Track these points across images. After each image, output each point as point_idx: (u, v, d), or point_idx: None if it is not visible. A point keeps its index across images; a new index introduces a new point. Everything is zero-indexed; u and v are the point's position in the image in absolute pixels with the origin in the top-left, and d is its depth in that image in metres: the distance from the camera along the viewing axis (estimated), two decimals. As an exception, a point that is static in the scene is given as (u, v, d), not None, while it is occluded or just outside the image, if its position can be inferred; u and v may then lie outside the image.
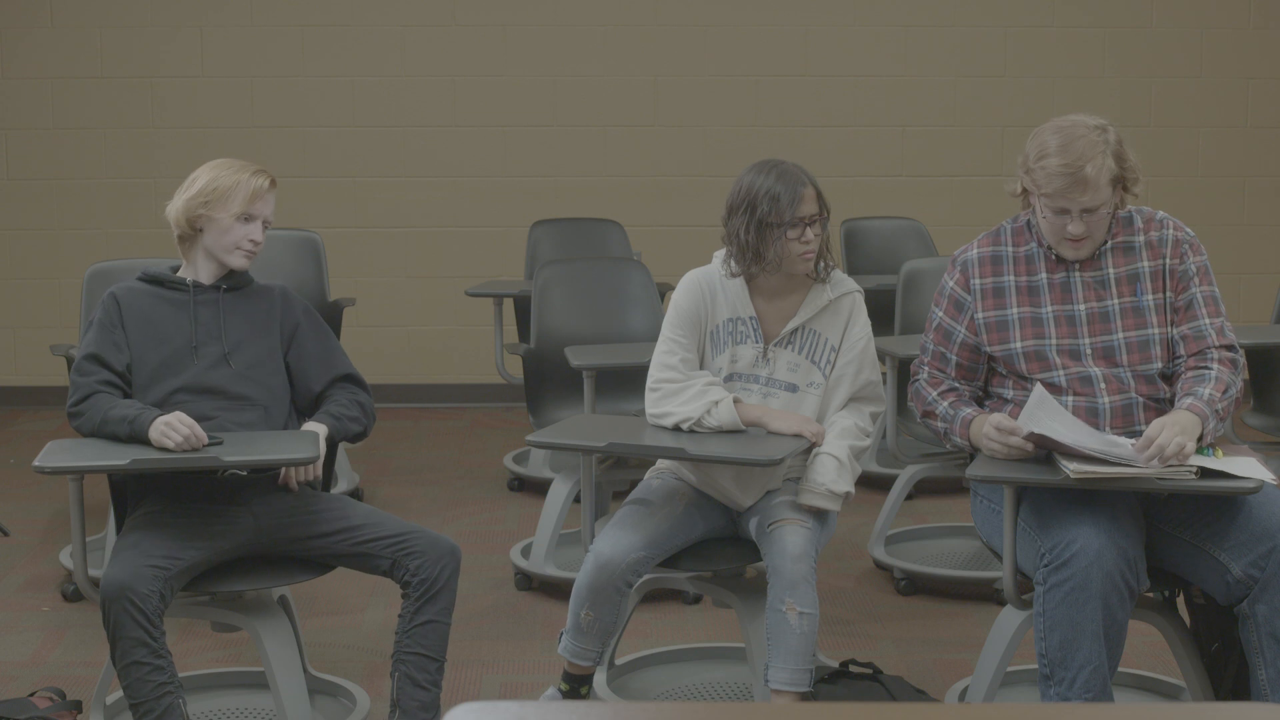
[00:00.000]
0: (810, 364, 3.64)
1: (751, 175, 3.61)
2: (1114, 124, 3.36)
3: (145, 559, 3.28)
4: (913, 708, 1.80)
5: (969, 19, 8.06)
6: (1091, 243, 3.38)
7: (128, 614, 3.22)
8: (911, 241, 6.86)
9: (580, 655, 3.58)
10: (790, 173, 3.58)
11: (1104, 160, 3.28)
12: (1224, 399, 3.32)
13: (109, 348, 3.52)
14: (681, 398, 3.58)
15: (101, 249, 7.65)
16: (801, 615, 3.42)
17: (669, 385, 3.62)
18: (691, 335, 3.67)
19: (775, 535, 3.49)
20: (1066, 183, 3.27)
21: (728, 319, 3.66)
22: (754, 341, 3.65)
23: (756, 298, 3.67)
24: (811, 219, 3.56)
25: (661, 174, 7.99)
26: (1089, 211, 3.31)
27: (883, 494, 5.47)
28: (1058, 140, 3.29)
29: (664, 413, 3.60)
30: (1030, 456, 3.26)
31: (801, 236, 3.55)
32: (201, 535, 3.41)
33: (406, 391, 8.06)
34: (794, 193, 3.54)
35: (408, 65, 7.97)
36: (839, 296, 3.66)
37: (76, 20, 7.87)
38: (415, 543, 3.47)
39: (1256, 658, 3.22)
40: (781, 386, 3.63)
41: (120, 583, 3.23)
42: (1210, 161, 8.17)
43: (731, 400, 3.56)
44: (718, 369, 3.66)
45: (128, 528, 3.45)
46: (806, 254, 3.58)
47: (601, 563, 3.50)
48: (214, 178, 3.58)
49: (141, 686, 3.26)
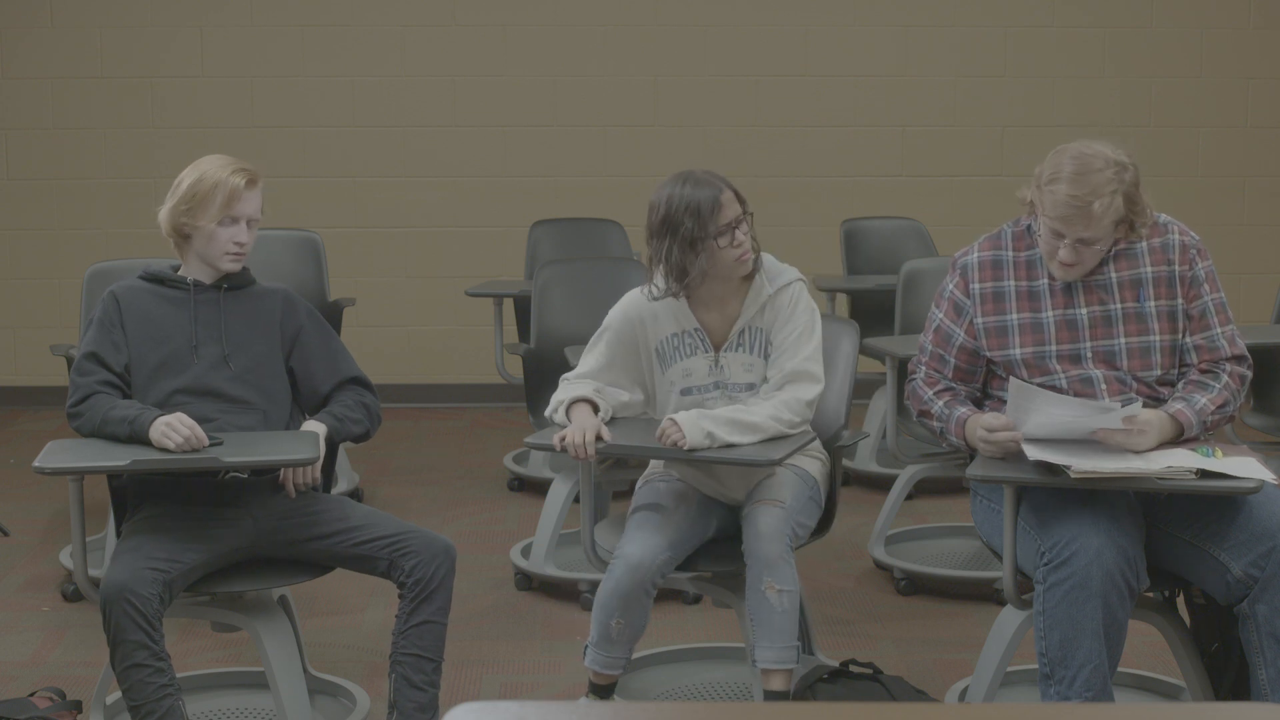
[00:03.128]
0: (764, 361, 3.63)
1: (666, 191, 3.60)
2: (1136, 163, 3.31)
3: (146, 561, 3.28)
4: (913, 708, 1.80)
5: (969, 19, 8.06)
6: (1081, 269, 3.37)
7: (128, 616, 3.22)
8: (911, 241, 6.86)
9: (610, 665, 3.58)
10: (703, 180, 3.57)
11: (1113, 199, 3.25)
12: (1217, 413, 3.33)
13: (108, 347, 3.52)
14: (558, 395, 3.64)
15: (101, 249, 7.65)
16: (781, 593, 3.41)
17: (564, 382, 3.68)
18: (617, 352, 3.67)
19: (750, 518, 3.51)
20: (1071, 213, 3.26)
21: (671, 334, 3.66)
22: (704, 351, 3.64)
23: (697, 308, 3.66)
24: (737, 221, 3.55)
25: (661, 174, 7.86)
26: (1084, 243, 3.30)
27: (883, 494, 5.47)
28: (1073, 168, 3.25)
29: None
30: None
31: (732, 242, 3.54)
32: (202, 538, 3.41)
33: (406, 391, 8.06)
34: (713, 200, 3.53)
35: (408, 65, 7.97)
36: (778, 290, 3.64)
37: (76, 20, 7.87)
38: (410, 543, 3.46)
39: (1256, 658, 3.22)
40: (741, 389, 3.63)
41: (120, 585, 3.22)
42: (1210, 161, 8.17)
43: (569, 403, 3.57)
44: (669, 384, 3.65)
45: (128, 530, 3.45)
46: (741, 257, 3.57)
47: (633, 565, 3.49)
48: (193, 182, 3.55)
49: (142, 689, 3.26)
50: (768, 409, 3.51)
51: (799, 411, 3.54)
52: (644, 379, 3.70)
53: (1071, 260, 3.33)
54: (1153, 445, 3.25)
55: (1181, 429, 3.29)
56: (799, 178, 7.95)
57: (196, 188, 3.53)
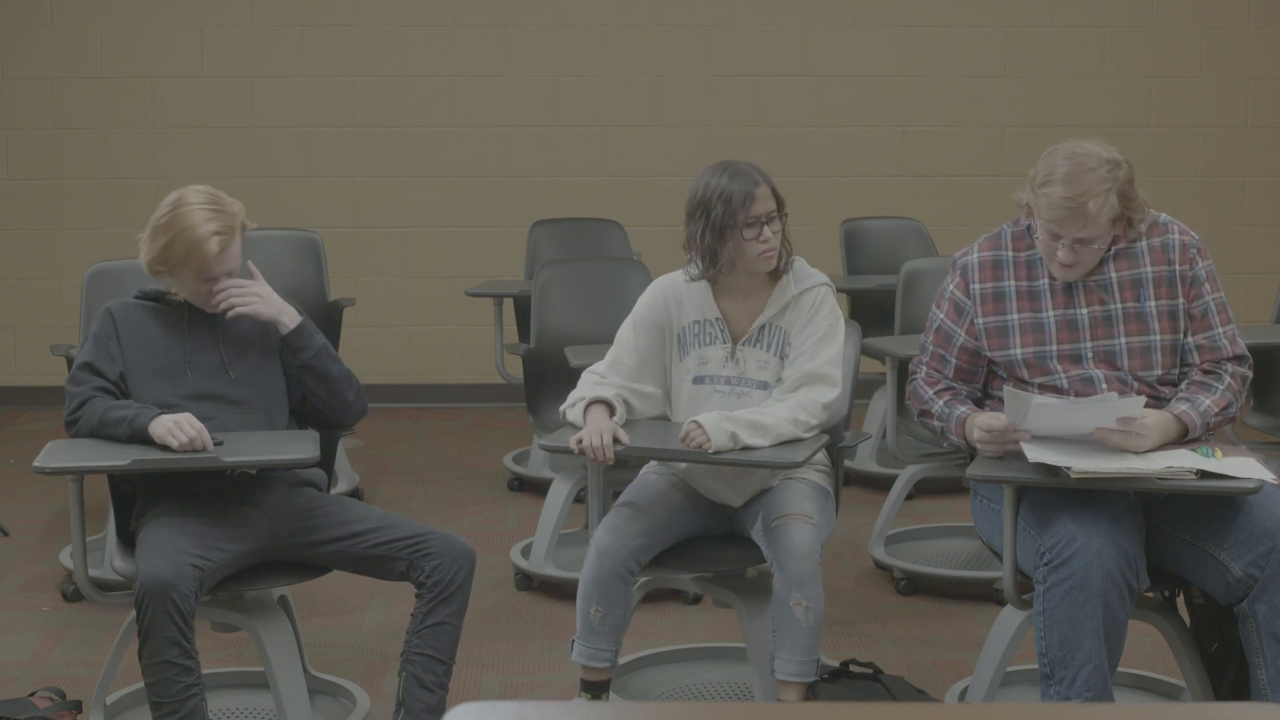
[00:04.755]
0: (780, 361, 3.63)
1: (705, 178, 3.60)
2: (1129, 159, 3.31)
3: (184, 556, 3.26)
4: (913, 708, 1.80)
5: (969, 19, 8.06)
6: (1082, 269, 3.37)
7: (166, 612, 3.20)
8: (911, 241, 6.86)
9: (595, 657, 3.57)
10: (743, 172, 3.57)
11: (1107, 198, 3.25)
12: (1220, 415, 3.33)
13: (103, 358, 3.51)
14: (577, 391, 3.63)
15: (101, 249, 7.64)
16: (808, 609, 3.43)
17: (589, 375, 3.66)
18: (644, 340, 3.67)
19: (781, 532, 3.48)
20: (1065, 214, 3.26)
21: (694, 321, 3.66)
22: (722, 342, 3.64)
23: (722, 298, 3.66)
24: (768, 217, 3.56)
25: (661, 174, 7.98)
26: (1082, 243, 3.30)
27: (883, 494, 5.47)
28: (1066, 168, 3.26)
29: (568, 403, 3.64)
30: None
31: (759, 236, 3.55)
32: (226, 537, 3.40)
33: (406, 391, 8.06)
34: (746, 192, 3.53)
35: (408, 65, 7.97)
36: (803, 291, 3.64)
37: (76, 20, 7.87)
38: (432, 544, 3.46)
39: (1256, 658, 3.22)
40: (754, 385, 3.62)
41: (164, 580, 3.20)
42: (1210, 161, 8.17)
43: (585, 405, 3.55)
44: (685, 371, 3.65)
45: (152, 520, 3.42)
46: (766, 253, 3.56)
47: (602, 551, 3.51)
48: (167, 244, 3.45)
49: (169, 686, 3.24)
50: (784, 411, 3.49)
51: (815, 414, 3.53)
52: (665, 369, 3.70)
53: (1070, 261, 3.33)
54: (1153, 447, 3.25)
55: (1186, 430, 3.29)
56: (799, 178, 7.94)
57: (171, 249, 3.45)
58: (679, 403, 3.66)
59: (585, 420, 3.53)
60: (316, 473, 3.65)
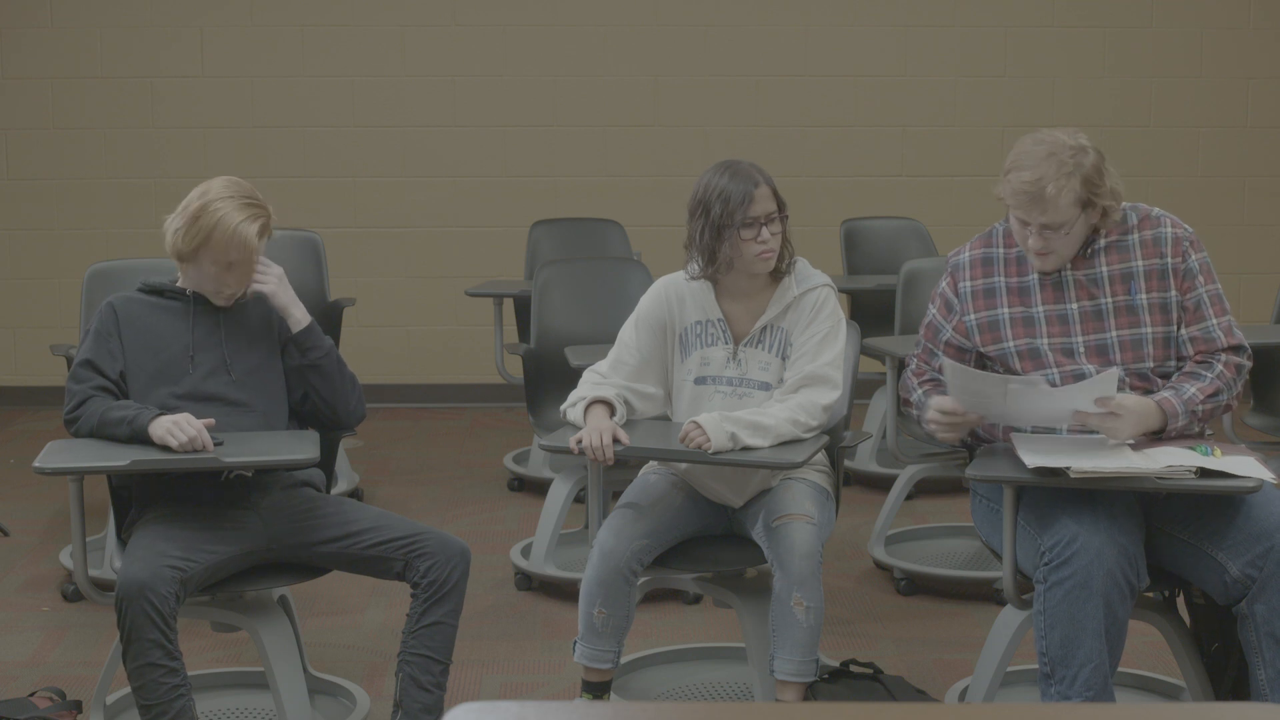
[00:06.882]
0: (782, 362, 3.62)
1: (707, 177, 3.61)
2: (1099, 148, 3.33)
3: (163, 559, 3.26)
4: (913, 708, 1.80)
5: (969, 19, 8.06)
6: (1057, 258, 3.38)
7: (145, 615, 3.20)
8: (911, 241, 6.86)
9: (598, 659, 3.57)
10: (744, 172, 3.57)
11: (1067, 182, 3.26)
12: (1209, 401, 3.32)
13: (104, 356, 3.51)
14: (578, 391, 3.62)
15: (101, 249, 7.65)
16: (808, 609, 3.43)
17: (590, 375, 3.66)
18: (646, 340, 3.67)
19: (782, 532, 3.48)
20: (1026, 199, 3.29)
21: (696, 321, 3.66)
22: (724, 343, 3.64)
23: (724, 299, 3.66)
24: (768, 218, 3.56)
25: (661, 174, 7.98)
26: (1050, 229, 3.31)
27: (883, 494, 5.47)
28: (1029, 155, 3.31)
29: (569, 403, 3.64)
30: (977, 425, 3.37)
31: (757, 236, 3.54)
32: (214, 540, 3.39)
33: (406, 391, 8.06)
34: (745, 193, 3.53)
35: (408, 65, 7.98)
36: (804, 292, 3.64)
37: (76, 20, 7.87)
38: (426, 544, 3.46)
39: (1256, 658, 3.22)
40: (755, 386, 3.62)
41: (140, 582, 3.20)
42: (1210, 161, 8.17)
43: (585, 405, 3.55)
44: (687, 372, 3.65)
45: (140, 527, 3.43)
46: (764, 254, 3.56)
47: (605, 552, 3.51)
48: (206, 223, 3.46)
49: (154, 689, 3.24)
50: (784, 412, 3.49)
51: (815, 416, 3.53)
52: (666, 369, 3.69)
53: (1042, 248, 3.35)
54: (1132, 431, 3.25)
55: (1166, 416, 3.29)
56: (799, 178, 7.94)
57: (211, 231, 3.45)
58: (680, 403, 3.66)
59: (585, 420, 3.53)
60: (314, 473, 3.65)
